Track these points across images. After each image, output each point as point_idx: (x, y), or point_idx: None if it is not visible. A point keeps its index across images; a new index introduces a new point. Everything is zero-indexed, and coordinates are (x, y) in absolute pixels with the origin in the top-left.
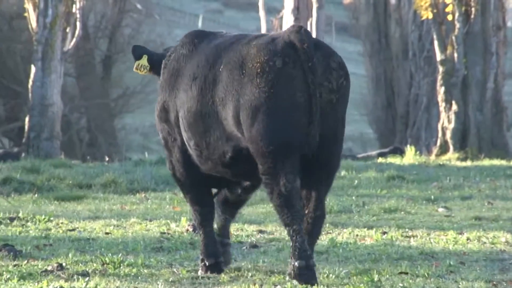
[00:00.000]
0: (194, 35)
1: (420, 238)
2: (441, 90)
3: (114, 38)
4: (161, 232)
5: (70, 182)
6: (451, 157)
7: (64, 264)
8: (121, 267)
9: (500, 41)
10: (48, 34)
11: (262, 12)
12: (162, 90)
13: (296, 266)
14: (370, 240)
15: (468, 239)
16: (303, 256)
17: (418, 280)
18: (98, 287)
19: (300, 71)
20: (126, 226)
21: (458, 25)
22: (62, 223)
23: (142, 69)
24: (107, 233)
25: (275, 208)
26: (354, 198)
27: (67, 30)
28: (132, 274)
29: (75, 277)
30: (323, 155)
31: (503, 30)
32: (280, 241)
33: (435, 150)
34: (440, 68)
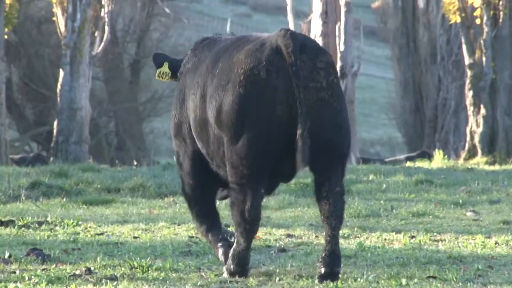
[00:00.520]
0: (200, 43)
1: (448, 242)
2: (469, 94)
3: (143, 42)
4: (189, 236)
5: (99, 186)
6: (480, 161)
7: (92, 268)
8: (149, 271)
9: None
10: (76, 38)
11: (290, 16)
12: (174, 104)
13: (231, 269)
14: (398, 244)
15: (496, 243)
16: (240, 264)
17: (446, 284)
18: None
19: (283, 80)
20: (155, 230)
21: (486, 29)
22: (90, 227)
23: (164, 76)
24: (135, 237)
25: (234, 219)
26: (382, 202)
27: (96, 34)
28: (161, 278)
29: (103, 281)
30: (329, 144)
31: None
32: (308, 245)
33: (463, 154)
34: (469, 72)
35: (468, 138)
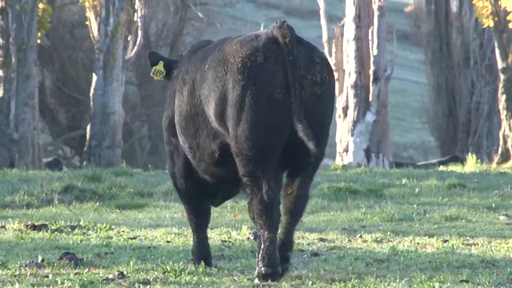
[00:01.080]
0: (195, 46)
1: (481, 246)
2: (502, 98)
3: (176, 47)
4: (222, 240)
5: (132, 190)
6: None
7: (125, 272)
8: (182, 275)
9: None
10: (109, 42)
11: (323, 20)
12: (167, 104)
13: (262, 273)
14: (431, 248)
15: None
16: (271, 264)
17: None
18: None
19: (281, 66)
20: (187, 234)
21: None
22: (123, 231)
23: (158, 74)
24: (168, 241)
25: (254, 212)
26: (415, 206)
27: (129, 39)
28: (193, 282)
29: (136, 285)
30: (302, 148)
31: None
32: (341, 249)
33: (496, 158)
34: (502, 76)
35: (501, 142)
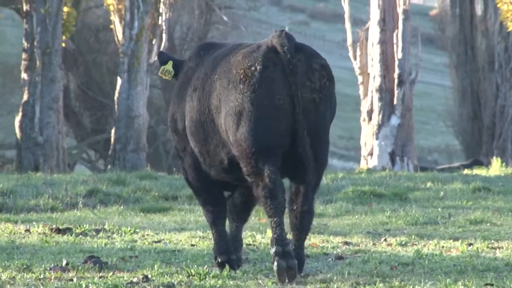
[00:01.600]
0: (200, 47)
1: (506, 250)
2: None
3: None
4: (246, 244)
5: (156, 194)
6: None
7: (149, 276)
8: (206, 279)
9: None
10: (134, 46)
11: (348, 24)
12: (172, 101)
13: (273, 252)
14: (456, 252)
15: None
16: (280, 244)
17: None
18: None
19: (280, 74)
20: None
21: None
22: (147, 234)
23: (166, 74)
24: (192, 244)
25: (260, 200)
26: (440, 209)
27: (153, 42)
28: (218, 285)
29: None
30: (305, 155)
31: None
32: (365, 252)
33: None
34: None
35: None
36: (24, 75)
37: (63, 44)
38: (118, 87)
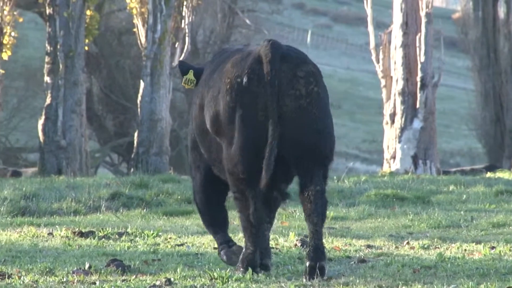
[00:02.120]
0: (216, 54)
1: None
2: None
3: None
4: None
5: (179, 197)
6: None
7: (172, 279)
8: (229, 282)
9: None
10: (157, 49)
11: (371, 27)
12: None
13: (240, 272)
14: (478, 255)
15: None
16: (247, 267)
17: None
18: None
19: (263, 88)
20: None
21: None
22: (170, 238)
23: (189, 83)
24: (215, 248)
25: (241, 224)
26: (462, 212)
27: (176, 45)
28: None
29: None
30: (310, 148)
31: None
32: (388, 256)
33: None
34: None
35: None
36: (47, 79)
37: (86, 48)
38: (141, 91)
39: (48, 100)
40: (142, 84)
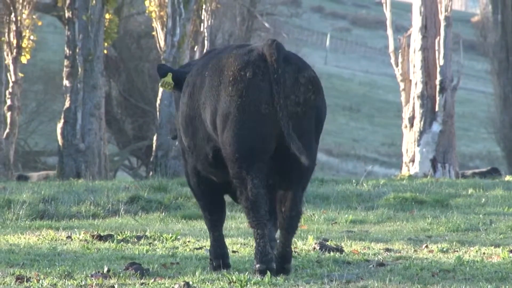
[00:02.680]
0: (205, 53)
1: None
2: None
3: None
4: None
5: None
6: None
7: (191, 283)
8: (247, 285)
9: None
10: (176, 52)
11: (389, 31)
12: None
13: (257, 268)
14: (497, 258)
15: None
16: (264, 261)
17: None
18: None
19: (268, 83)
20: (253, 245)
21: None
22: (189, 241)
23: (166, 86)
24: (234, 251)
25: (243, 210)
26: (481, 216)
27: (195, 49)
28: None
29: None
30: (292, 160)
31: None
32: (407, 259)
33: None
34: None
35: None
36: (66, 82)
37: (105, 51)
38: (160, 94)
39: (67, 104)
40: (161, 88)
